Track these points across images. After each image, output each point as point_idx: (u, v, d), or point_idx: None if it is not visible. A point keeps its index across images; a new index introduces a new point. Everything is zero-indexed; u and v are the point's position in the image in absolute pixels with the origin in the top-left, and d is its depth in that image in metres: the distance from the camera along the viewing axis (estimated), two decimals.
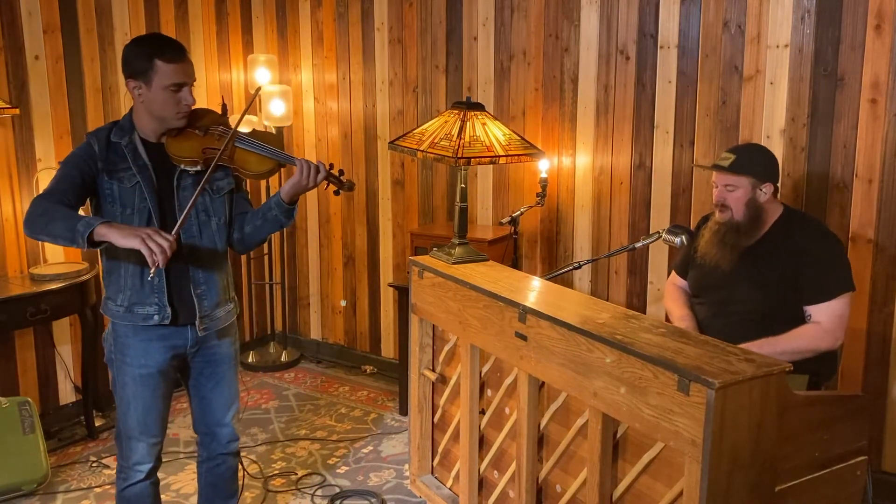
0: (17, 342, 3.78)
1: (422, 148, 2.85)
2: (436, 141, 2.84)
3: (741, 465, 1.91)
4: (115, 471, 3.53)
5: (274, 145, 2.51)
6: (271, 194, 3.68)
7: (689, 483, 1.91)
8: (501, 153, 2.82)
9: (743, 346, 2.50)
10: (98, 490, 3.41)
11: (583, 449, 2.31)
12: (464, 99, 3.00)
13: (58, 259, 3.87)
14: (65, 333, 3.97)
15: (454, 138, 2.78)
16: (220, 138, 2.44)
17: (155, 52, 2.33)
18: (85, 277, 3.72)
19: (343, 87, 4.61)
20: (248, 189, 2.73)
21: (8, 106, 3.48)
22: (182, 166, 2.42)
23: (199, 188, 2.35)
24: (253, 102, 2.50)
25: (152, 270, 2.19)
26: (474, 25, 4.08)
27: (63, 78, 3.86)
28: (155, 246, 2.15)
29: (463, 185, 2.93)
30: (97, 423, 3.91)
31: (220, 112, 2.57)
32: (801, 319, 2.66)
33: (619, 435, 2.18)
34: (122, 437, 2.54)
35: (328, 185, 2.51)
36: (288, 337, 5.09)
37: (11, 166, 3.70)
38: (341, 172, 2.55)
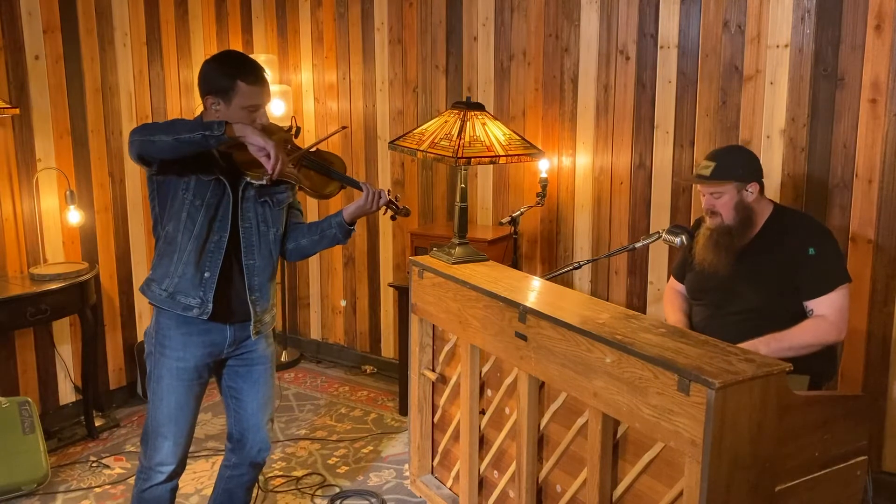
0: (17, 342, 3.78)
1: (422, 148, 2.86)
2: (436, 141, 2.84)
3: (741, 465, 1.91)
4: (115, 471, 3.55)
5: (337, 167, 2.63)
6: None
7: (689, 483, 1.92)
8: (501, 153, 2.82)
9: (748, 343, 2.53)
10: (98, 490, 3.41)
11: (583, 449, 2.31)
12: (464, 99, 3.01)
13: (58, 259, 3.87)
14: (65, 333, 3.97)
15: (454, 138, 2.78)
16: (288, 155, 2.50)
17: (239, 73, 2.38)
18: (85, 277, 3.72)
19: (343, 87, 4.61)
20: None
21: (8, 106, 3.48)
22: (248, 178, 2.47)
23: (302, 152, 2.42)
24: (333, 135, 2.62)
25: (266, 178, 2.34)
26: (474, 25, 4.08)
27: (63, 78, 3.86)
28: (283, 156, 2.29)
29: (463, 185, 2.94)
30: (97, 423, 3.91)
31: (287, 129, 2.64)
32: (800, 316, 2.67)
33: (619, 435, 2.18)
34: (148, 434, 2.57)
35: (387, 209, 2.65)
36: (288, 337, 5.09)
37: (11, 166, 3.70)
38: (397, 198, 2.68)
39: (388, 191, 2.64)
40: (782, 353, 2.48)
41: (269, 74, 2.57)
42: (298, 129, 2.69)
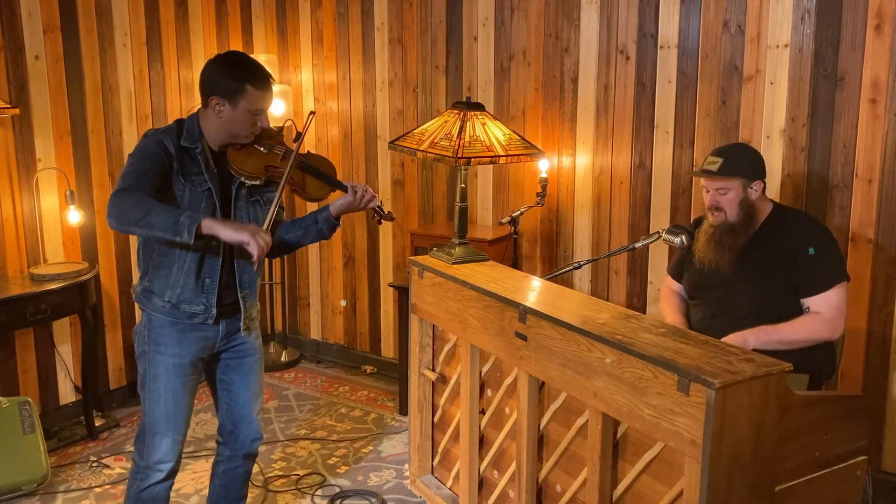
0: (17, 342, 3.78)
1: (422, 148, 2.86)
2: (436, 141, 2.84)
3: (741, 465, 1.91)
4: (115, 471, 3.54)
5: (328, 170, 2.65)
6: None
7: (689, 483, 1.92)
8: (501, 153, 2.82)
9: (737, 334, 2.54)
10: (98, 490, 3.41)
11: (583, 449, 2.31)
12: (464, 99, 3.01)
13: (58, 259, 3.87)
14: (65, 333, 3.97)
15: (454, 138, 2.78)
16: (282, 159, 2.53)
17: (248, 77, 2.39)
18: (85, 277, 3.72)
19: (343, 87, 4.61)
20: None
21: (8, 106, 3.48)
22: (242, 178, 2.49)
23: (275, 202, 2.47)
24: (308, 126, 2.65)
25: (255, 264, 2.45)
26: (474, 25, 4.08)
27: (63, 78, 3.86)
28: (262, 242, 2.30)
29: (463, 185, 2.94)
30: (97, 423, 3.91)
31: (279, 130, 2.70)
32: (798, 314, 2.67)
33: (619, 435, 2.18)
34: (145, 433, 2.56)
35: (374, 213, 2.67)
36: (288, 337, 5.09)
37: (11, 166, 3.70)
38: (382, 204, 2.71)
39: (377, 196, 2.65)
40: (771, 346, 2.48)
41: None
42: (299, 135, 2.67)
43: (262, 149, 2.53)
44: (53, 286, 3.58)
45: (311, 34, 4.67)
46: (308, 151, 2.71)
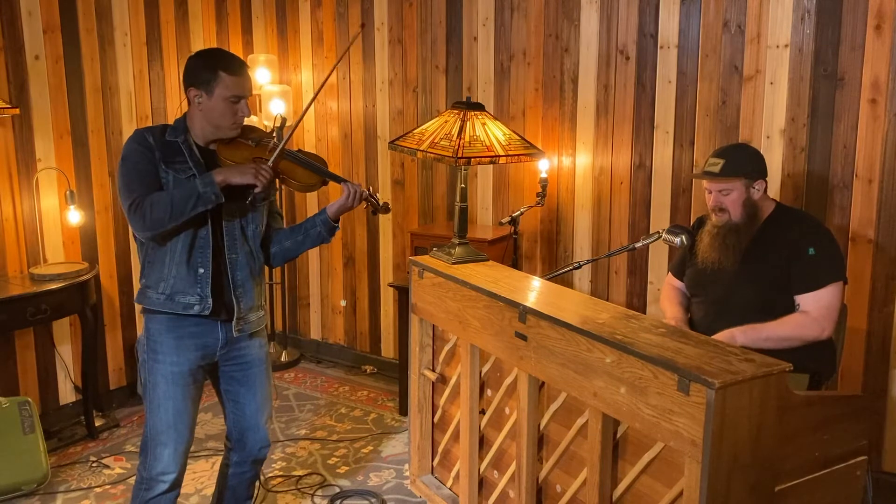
0: (17, 342, 3.78)
1: (422, 148, 2.86)
2: (436, 141, 2.84)
3: (741, 465, 1.91)
4: (115, 471, 3.55)
5: (318, 162, 2.68)
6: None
7: (689, 483, 1.92)
8: (501, 153, 2.82)
9: (727, 331, 2.55)
10: (98, 490, 3.41)
11: (583, 449, 2.31)
12: (464, 99, 3.01)
13: (58, 259, 3.87)
14: (65, 333, 3.97)
15: (454, 138, 2.78)
16: (271, 151, 2.55)
17: (220, 64, 2.46)
18: (85, 277, 3.72)
19: (343, 87, 4.61)
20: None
21: (8, 106, 3.48)
22: None
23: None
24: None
25: (257, 190, 2.46)
26: (474, 25, 4.08)
27: (63, 78, 3.86)
28: (264, 174, 2.44)
29: (463, 185, 2.94)
30: (97, 423, 3.91)
31: (276, 124, 2.77)
32: None
33: (619, 435, 2.18)
34: (148, 443, 2.55)
35: (367, 205, 2.69)
36: (288, 337, 5.09)
37: (11, 166, 3.70)
38: (377, 196, 2.73)
39: (370, 188, 2.67)
40: (759, 344, 2.48)
41: (269, 75, 2.63)
42: (284, 121, 2.75)
43: (249, 142, 2.57)
44: (53, 286, 3.58)
45: (311, 34, 4.67)
46: (299, 149, 2.72)
